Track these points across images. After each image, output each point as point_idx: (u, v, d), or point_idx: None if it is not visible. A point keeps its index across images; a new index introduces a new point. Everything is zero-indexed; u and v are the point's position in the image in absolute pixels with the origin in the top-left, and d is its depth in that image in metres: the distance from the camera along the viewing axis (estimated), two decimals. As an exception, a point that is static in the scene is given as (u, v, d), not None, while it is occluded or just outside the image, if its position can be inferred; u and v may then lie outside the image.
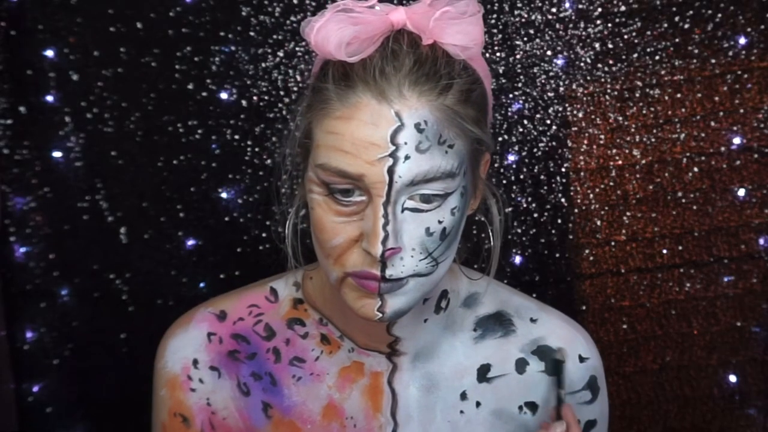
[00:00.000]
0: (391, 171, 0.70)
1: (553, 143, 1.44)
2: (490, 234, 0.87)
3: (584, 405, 0.91)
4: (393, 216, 0.71)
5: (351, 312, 0.79)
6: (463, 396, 0.89)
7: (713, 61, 1.41)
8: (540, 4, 1.41)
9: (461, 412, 0.88)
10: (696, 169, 1.44)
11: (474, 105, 0.76)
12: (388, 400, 0.87)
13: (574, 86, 1.43)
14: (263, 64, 1.40)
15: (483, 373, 0.89)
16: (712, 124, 1.43)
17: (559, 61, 1.42)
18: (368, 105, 0.71)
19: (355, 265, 0.73)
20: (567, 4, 1.41)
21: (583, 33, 1.42)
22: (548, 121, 1.44)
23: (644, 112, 1.43)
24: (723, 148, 1.43)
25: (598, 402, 0.92)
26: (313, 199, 0.75)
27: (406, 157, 0.70)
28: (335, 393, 0.88)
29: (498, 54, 1.42)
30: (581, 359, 0.91)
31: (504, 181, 1.44)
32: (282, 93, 1.41)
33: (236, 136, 1.42)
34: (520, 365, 0.90)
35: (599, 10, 1.41)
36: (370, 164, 0.70)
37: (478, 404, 0.89)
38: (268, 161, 1.43)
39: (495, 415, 0.89)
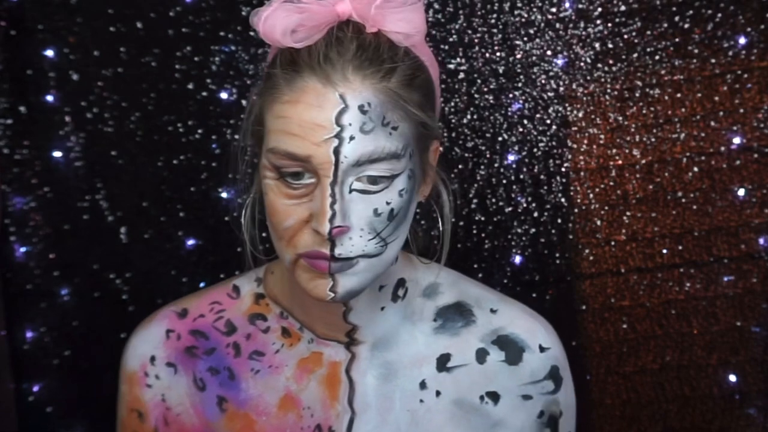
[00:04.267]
0: (336, 151, 0.73)
1: (553, 143, 1.44)
2: (440, 220, 0.89)
3: (548, 395, 0.91)
4: (340, 196, 0.74)
5: (308, 299, 0.81)
6: (423, 385, 0.89)
7: (713, 61, 1.41)
8: (540, 4, 1.41)
9: (421, 401, 0.89)
10: (696, 169, 1.44)
11: (418, 90, 0.78)
12: (345, 389, 0.88)
13: (574, 86, 1.43)
14: (263, 64, 1.40)
15: (443, 363, 0.90)
16: (712, 124, 1.43)
17: (559, 61, 1.42)
18: (314, 88, 0.74)
19: (306, 246, 0.76)
20: (567, 4, 1.41)
21: (583, 33, 1.42)
22: (548, 121, 1.44)
23: (644, 112, 1.43)
24: (723, 148, 1.43)
25: (561, 392, 0.92)
26: (266, 184, 0.78)
27: (351, 138, 0.73)
28: (293, 384, 0.89)
29: (498, 54, 1.42)
30: (542, 349, 0.91)
31: (504, 181, 1.44)
32: (282, 93, 1.41)
33: (236, 136, 1.41)
34: (480, 355, 0.90)
35: (599, 10, 1.41)
36: (317, 145, 0.73)
37: (438, 393, 0.89)
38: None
39: (456, 405, 0.89)
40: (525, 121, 1.44)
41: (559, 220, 1.46)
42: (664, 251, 1.46)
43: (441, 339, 0.91)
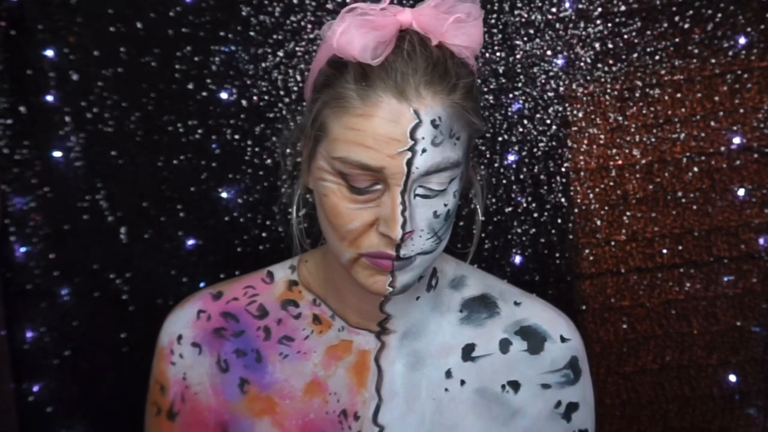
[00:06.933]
0: (409, 163, 0.77)
1: (553, 143, 1.44)
2: (477, 210, 0.94)
3: (566, 385, 0.93)
4: (408, 203, 0.78)
5: (345, 288, 0.87)
6: (448, 374, 0.92)
7: (713, 61, 1.41)
8: (540, 4, 1.41)
9: (446, 389, 0.91)
10: (696, 169, 1.44)
11: (474, 98, 0.82)
12: (374, 377, 0.91)
13: (574, 86, 1.43)
14: (263, 64, 1.40)
15: (468, 352, 0.93)
16: (712, 124, 1.43)
17: (559, 61, 1.42)
18: (389, 103, 0.77)
19: (371, 247, 0.79)
20: (567, 4, 1.41)
21: (583, 33, 1.42)
22: (548, 121, 1.44)
23: (644, 112, 1.43)
24: (723, 148, 1.43)
25: (580, 384, 0.94)
26: (326, 186, 0.81)
27: (423, 150, 0.77)
28: (320, 370, 0.92)
29: (498, 54, 1.42)
30: (563, 339, 0.94)
31: (504, 181, 1.44)
32: (282, 93, 1.42)
33: (236, 136, 1.42)
34: (504, 345, 0.93)
35: (599, 10, 1.41)
36: (391, 158, 0.76)
37: (462, 382, 0.92)
38: (268, 161, 1.43)
39: (478, 394, 0.92)
40: (525, 121, 1.44)
41: (559, 220, 1.46)
42: (664, 251, 1.46)
43: (466, 329, 0.94)
